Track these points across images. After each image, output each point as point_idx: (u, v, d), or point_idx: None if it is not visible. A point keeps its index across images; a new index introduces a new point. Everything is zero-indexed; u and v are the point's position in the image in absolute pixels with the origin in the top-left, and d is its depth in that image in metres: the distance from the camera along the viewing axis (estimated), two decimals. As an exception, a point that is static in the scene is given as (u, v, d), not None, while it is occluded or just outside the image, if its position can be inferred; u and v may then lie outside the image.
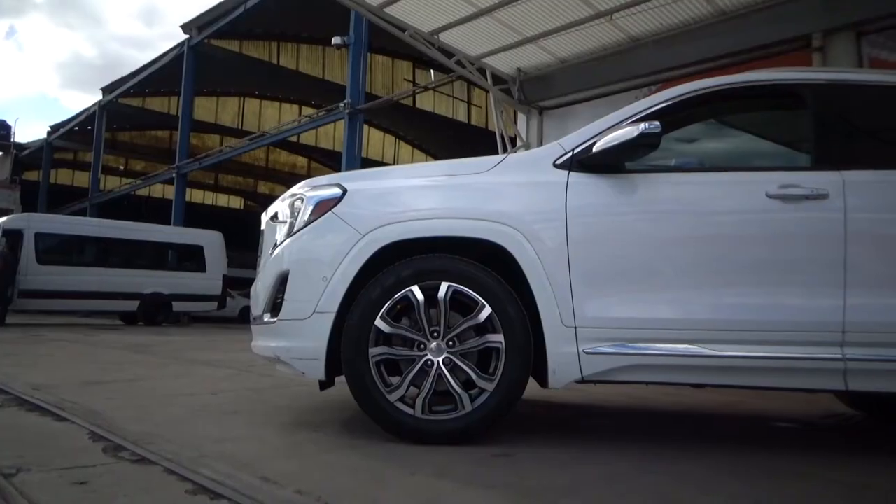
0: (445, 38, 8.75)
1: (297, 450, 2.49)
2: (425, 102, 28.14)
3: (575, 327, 2.54)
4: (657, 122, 2.52)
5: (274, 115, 30.89)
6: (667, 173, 2.74)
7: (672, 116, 2.76)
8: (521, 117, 10.00)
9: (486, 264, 2.61)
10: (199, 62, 22.79)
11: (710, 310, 2.54)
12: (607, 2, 7.64)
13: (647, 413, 3.83)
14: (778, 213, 2.58)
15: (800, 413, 3.96)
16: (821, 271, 2.54)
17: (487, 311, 2.54)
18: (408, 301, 2.59)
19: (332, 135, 29.91)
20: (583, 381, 2.57)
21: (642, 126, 2.50)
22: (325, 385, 2.81)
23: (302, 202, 2.82)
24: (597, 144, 2.65)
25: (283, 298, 2.73)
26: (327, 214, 2.72)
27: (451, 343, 2.57)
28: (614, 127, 2.68)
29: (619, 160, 2.65)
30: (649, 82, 8.27)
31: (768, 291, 2.56)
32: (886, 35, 6.60)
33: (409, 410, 2.56)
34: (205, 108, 29.25)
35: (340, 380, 2.73)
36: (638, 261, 2.60)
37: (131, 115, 28.99)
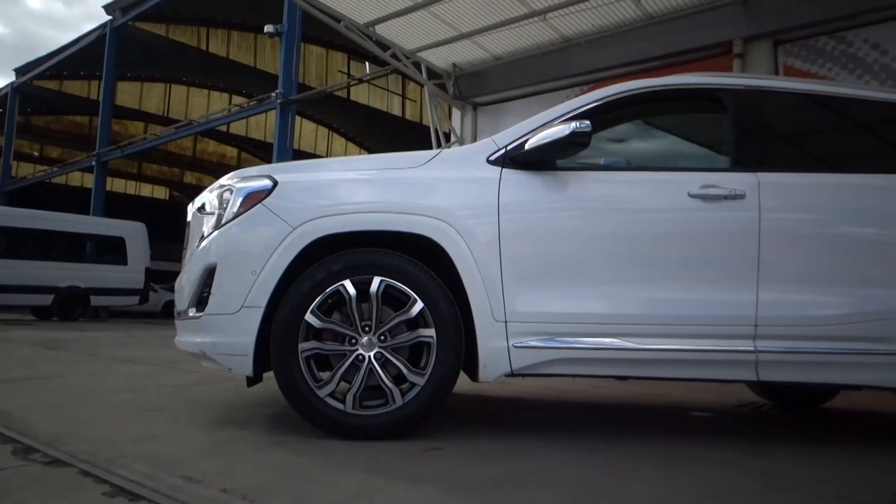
0: (381, 30, 8.69)
1: (222, 447, 2.43)
2: (360, 95, 27.86)
3: (505, 322, 2.58)
4: (588, 122, 2.58)
5: (202, 103, 29.85)
6: (596, 172, 2.81)
7: (602, 116, 2.83)
8: (456, 113, 10.05)
9: (419, 259, 2.61)
10: (122, 45, 21.77)
11: (634, 305, 2.63)
12: (541, 1, 7.76)
13: (575, 405, 3.92)
14: (699, 212, 2.69)
15: (716, 402, 4.15)
16: (737, 268, 2.67)
17: (419, 305, 2.54)
18: (339, 295, 2.56)
19: (263, 125, 29.19)
20: (512, 374, 2.62)
21: (573, 125, 2.56)
22: (252, 381, 2.75)
23: (231, 193, 2.74)
24: (529, 142, 2.70)
25: (209, 292, 2.65)
26: (257, 206, 2.66)
27: (382, 338, 2.56)
28: (546, 125, 2.73)
29: (550, 158, 2.70)
30: (581, 82, 8.48)
31: (689, 287, 2.67)
32: (800, 45, 6.99)
33: (339, 406, 2.53)
34: (128, 94, 27.98)
35: (269, 376, 2.68)
36: (567, 257, 2.66)
37: (48, 99, 27.39)
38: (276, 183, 2.69)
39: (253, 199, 2.67)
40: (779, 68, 7.08)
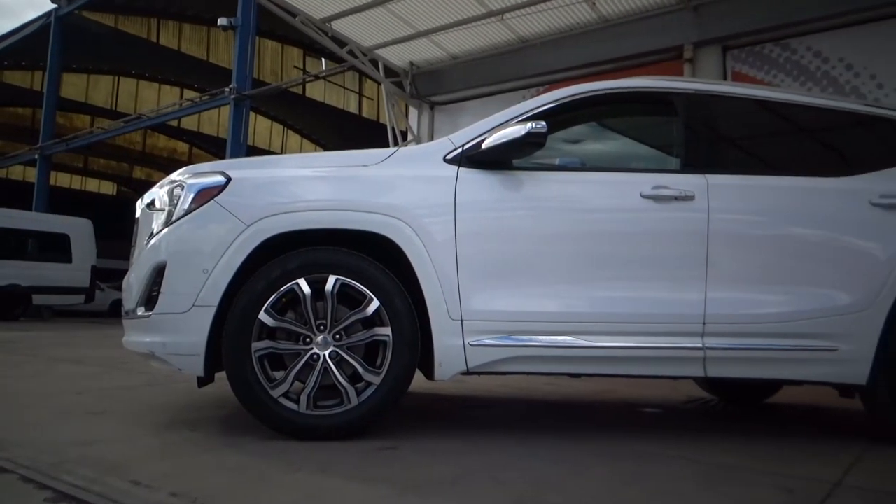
0: (338, 26, 8.61)
1: (171, 450, 2.37)
2: (316, 92, 27.55)
3: (461, 320, 2.59)
4: (544, 122, 2.61)
5: (152, 97, 29.03)
6: (551, 172, 2.85)
7: (558, 117, 2.87)
8: (413, 111, 10.04)
9: (375, 257, 2.60)
10: (68, 35, 20.96)
11: (588, 303, 2.68)
12: (499, 1, 7.81)
13: (529, 402, 3.97)
14: (650, 212, 2.75)
15: (665, 399, 4.25)
16: (686, 267, 2.75)
17: (375, 304, 2.53)
18: (294, 294, 2.53)
19: (216, 120, 28.59)
20: (468, 372, 2.63)
21: (529, 125, 2.58)
22: (203, 382, 2.69)
23: (182, 189, 2.68)
24: (486, 141, 2.71)
25: (159, 291, 2.59)
26: (209, 203, 2.60)
27: (337, 336, 2.54)
28: (503, 125, 2.75)
29: (506, 157, 2.73)
30: (537, 83, 8.56)
31: (641, 286, 2.73)
32: (747, 51, 7.21)
33: (292, 406, 2.50)
34: (74, 86, 26.99)
35: (220, 376, 2.63)
36: (522, 256, 2.69)
37: (-14, 89, 26.25)
38: (229, 179, 2.64)
39: (205, 195, 2.62)
40: (727, 73, 7.30)
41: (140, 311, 2.68)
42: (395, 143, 9.67)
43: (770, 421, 3.70)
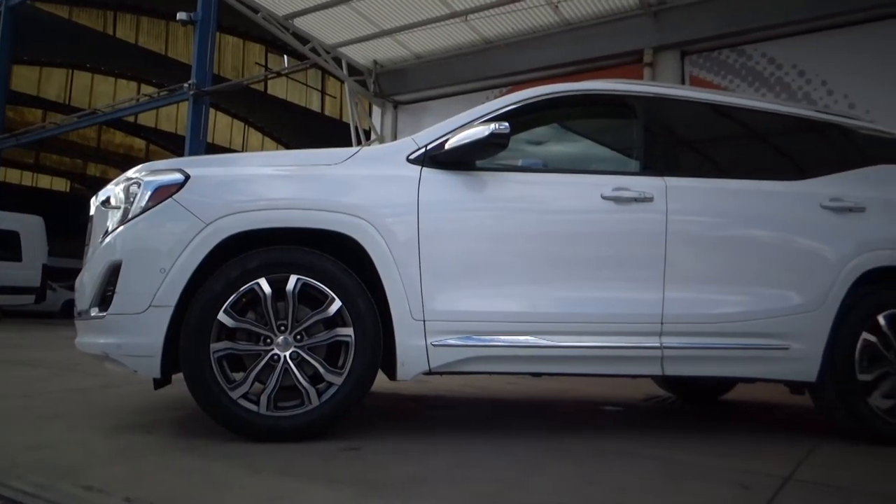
0: (301, 23, 8.52)
1: (126, 454, 2.31)
2: (278, 89, 27.22)
3: (424, 320, 2.59)
4: (507, 123, 2.63)
5: (108, 92, 28.24)
6: (514, 172, 2.87)
7: (521, 118, 2.89)
8: (376, 110, 10.00)
9: (338, 257, 2.58)
10: (19, 26, 20.25)
11: (549, 303, 2.71)
12: (463, 2, 7.83)
13: (491, 402, 3.99)
14: (611, 214, 2.80)
15: (624, 397, 4.33)
16: (645, 268, 2.80)
17: (337, 304, 2.51)
18: (254, 294, 2.49)
19: (174, 117, 27.98)
20: (430, 372, 2.63)
21: (493, 126, 2.60)
22: (160, 384, 2.63)
23: (139, 187, 2.61)
24: (449, 142, 2.72)
25: (114, 291, 2.52)
26: (167, 201, 2.54)
27: (299, 337, 2.51)
28: (466, 125, 2.76)
29: (470, 158, 2.73)
30: (500, 84, 8.61)
31: (601, 286, 2.77)
32: (705, 57, 7.38)
33: (252, 407, 2.47)
34: (25, 79, 26.07)
35: (178, 377, 2.57)
36: (484, 256, 2.70)
37: (-70, 81, 25.18)
38: (187, 177, 2.58)
39: (162, 193, 2.56)
40: (685, 78, 7.45)
41: (94, 312, 2.60)
42: (358, 143, 9.62)
43: (725, 418, 3.79)
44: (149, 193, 2.57)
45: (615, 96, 3.14)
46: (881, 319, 2.97)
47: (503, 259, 2.71)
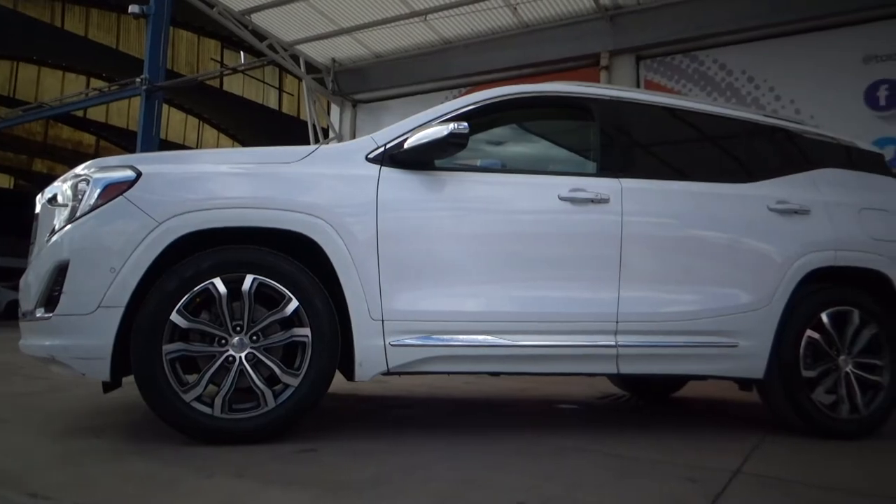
0: (258, 19, 8.40)
1: (74, 459, 2.24)
2: (234, 85, 26.73)
3: (382, 320, 2.58)
4: (465, 123, 2.64)
5: (55, 85, 27.26)
6: (473, 172, 2.88)
7: (480, 119, 2.91)
8: (335, 108, 9.92)
9: (295, 256, 2.55)
10: (-42, 15, 19.47)
11: (507, 303, 2.73)
12: (422, 2, 7.83)
13: (449, 401, 4.00)
14: (568, 214, 2.83)
15: (581, 395, 4.39)
16: (601, 268, 2.85)
17: (294, 304, 2.48)
18: (209, 294, 2.44)
19: (126, 112, 27.18)
20: (389, 373, 2.62)
21: (452, 126, 2.60)
22: (109, 387, 2.56)
23: (87, 184, 2.53)
24: (408, 141, 2.71)
25: (60, 291, 2.43)
26: (118, 199, 2.47)
27: (254, 338, 2.47)
28: (425, 125, 2.76)
29: (429, 157, 2.74)
30: (459, 84, 8.64)
31: (558, 286, 2.81)
32: (658, 61, 7.55)
33: (206, 410, 2.42)
34: (-35, 70, 25.06)
35: (128, 380, 2.51)
36: (443, 256, 2.71)
37: None
38: (139, 174, 2.52)
39: (113, 190, 2.49)
40: (640, 82, 7.60)
41: (39, 313, 2.51)
42: (316, 141, 9.52)
43: (677, 414, 3.88)
44: (98, 191, 2.50)
45: (573, 98, 3.18)
46: (824, 318, 3.08)
47: (462, 259, 2.73)
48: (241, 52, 24.29)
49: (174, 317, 2.40)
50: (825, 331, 3.08)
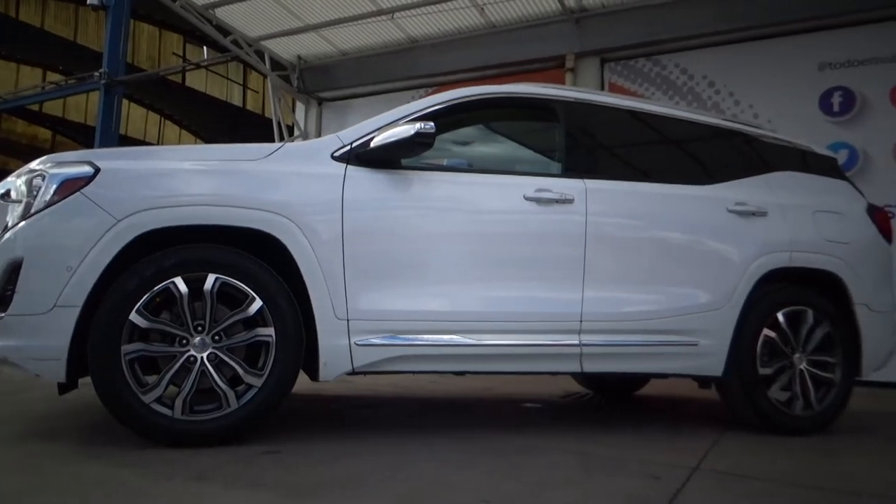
0: (222, 14, 8.25)
1: (28, 463, 2.17)
2: (197, 81, 26.24)
3: (347, 320, 2.56)
4: (432, 123, 2.64)
5: (9, 78, 26.37)
6: (439, 172, 2.88)
7: (446, 118, 2.91)
8: (300, 106, 9.81)
9: (259, 255, 2.51)
10: None
11: (473, 302, 2.74)
12: (390, 0, 7.79)
13: (415, 401, 3.99)
14: (533, 214, 2.86)
15: (545, 394, 4.43)
16: (565, 267, 2.88)
17: (258, 304, 2.45)
18: (169, 293, 2.40)
19: (83, 107, 26.46)
20: (354, 372, 2.61)
21: (418, 125, 2.60)
22: (65, 388, 2.49)
23: (43, 180, 2.46)
24: (375, 140, 2.70)
25: (13, 290, 2.36)
26: (75, 195, 2.40)
27: (217, 338, 2.43)
28: (392, 124, 2.75)
29: (395, 157, 2.73)
30: (426, 83, 8.63)
31: (523, 285, 2.83)
32: (622, 64, 7.66)
33: (166, 411, 2.37)
34: (-88, 60, 24.09)
35: (86, 381, 2.44)
36: (409, 255, 2.70)
37: None
38: (98, 170, 2.45)
39: (69, 186, 2.42)
40: (605, 84, 7.70)
41: (-9, 313, 2.43)
42: (281, 139, 9.40)
43: (639, 412, 3.95)
44: (54, 187, 2.43)
45: (539, 100, 3.21)
46: (780, 317, 3.17)
47: (427, 258, 2.73)
48: (205, 48, 23.83)
49: (133, 316, 2.34)
50: (781, 330, 3.16)
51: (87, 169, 2.45)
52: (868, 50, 6.24)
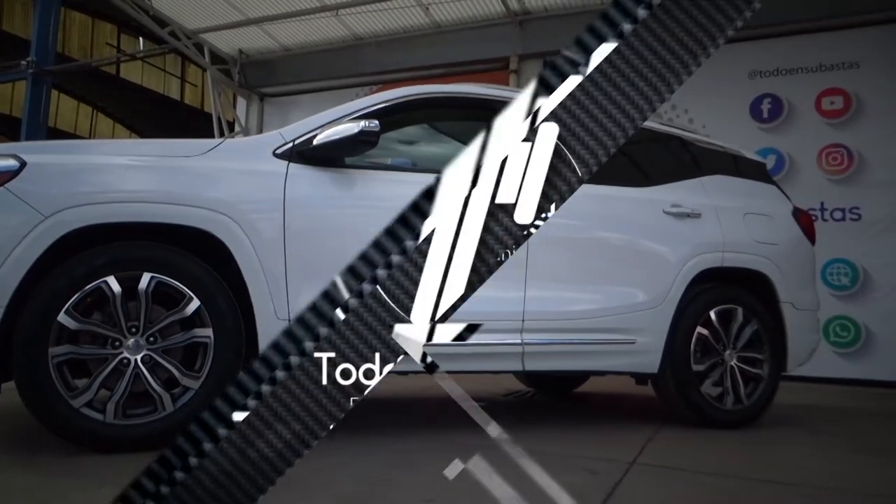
0: (159, 4, 7.99)
1: (-55, 473, 2.05)
2: (132, 73, 25.31)
3: (289, 320, 2.52)
4: (376, 121, 2.62)
5: (-75, 64, 24.90)
6: (383, 171, 2.87)
7: (391, 117, 2.90)
8: (241, 101, 9.60)
9: (198, 254, 2.45)
10: None
11: (416, 302, 2.73)
12: (334, -3, 7.72)
13: (356, 401, 3.96)
14: (477, 215, 2.87)
15: (487, 392, 4.47)
16: (510, 267, 2.89)
17: (195, 304, 2.38)
18: (101, 293, 2.30)
19: (9, 97, 25.17)
20: (296, 373, 2.57)
21: (362, 123, 2.58)
22: (-13, 393, 2.37)
23: (-37, 174, 2.33)
24: (318, 137, 2.67)
25: (-71, 290, 2.22)
26: (-1, 190, 2.29)
27: (152, 339, 2.35)
28: (336, 122, 2.72)
29: (338, 154, 2.70)
30: (371, 81, 8.57)
31: (467, 285, 2.84)
32: (564, 68, 7.79)
33: (97, 416, 2.27)
34: None
35: (10, 386, 2.32)
36: (353, 254, 2.67)
37: None
38: (23, 164, 2.34)
39: (-7, 181, 2.30)
40: (548, 87, 7.83)
41: None
42: (221, 134, 9.18)
43: (578, 409, 4.04)
44: (-25, 181, 2.30)
45: (482, 100, 3.23)
46: (712, 315, 3.29)
47: (371, 258, 2.70)
48: (140, 38, 23.07)
49: (62, 318, 2.24)
50: (713, 327, 3.29)
51: (12, 162, 2.33)
52: (796, 59, 6.55)
